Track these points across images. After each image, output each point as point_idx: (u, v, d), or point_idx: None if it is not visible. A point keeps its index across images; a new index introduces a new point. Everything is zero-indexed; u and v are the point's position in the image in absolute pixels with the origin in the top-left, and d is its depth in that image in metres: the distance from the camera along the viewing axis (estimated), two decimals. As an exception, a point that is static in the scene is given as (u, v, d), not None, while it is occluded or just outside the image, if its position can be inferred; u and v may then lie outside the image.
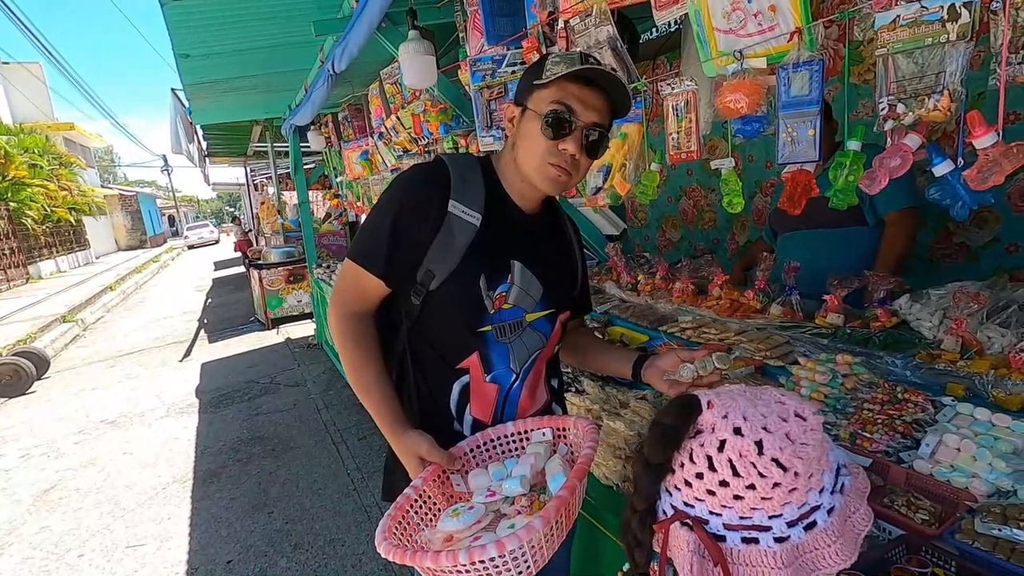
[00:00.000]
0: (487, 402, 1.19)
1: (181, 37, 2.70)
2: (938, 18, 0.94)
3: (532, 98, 1.09)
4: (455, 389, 1.17)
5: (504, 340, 1.16)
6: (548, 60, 1.08)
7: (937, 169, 1.00)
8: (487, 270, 1.12)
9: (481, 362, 1.15)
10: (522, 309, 1.16)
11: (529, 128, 1.08)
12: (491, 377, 1.17)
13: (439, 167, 1.13)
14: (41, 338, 8.02)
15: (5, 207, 14.79)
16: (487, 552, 0.81)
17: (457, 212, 1.08)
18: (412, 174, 1.15)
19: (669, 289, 2.55)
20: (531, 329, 1.19)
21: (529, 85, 1.10)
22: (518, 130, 1.12)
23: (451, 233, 1.08)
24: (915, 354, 1.58)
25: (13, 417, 5.37)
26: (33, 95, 22.81)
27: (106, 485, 3.74)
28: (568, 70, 1.03)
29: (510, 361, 1.18)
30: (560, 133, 1.06)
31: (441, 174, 1.11)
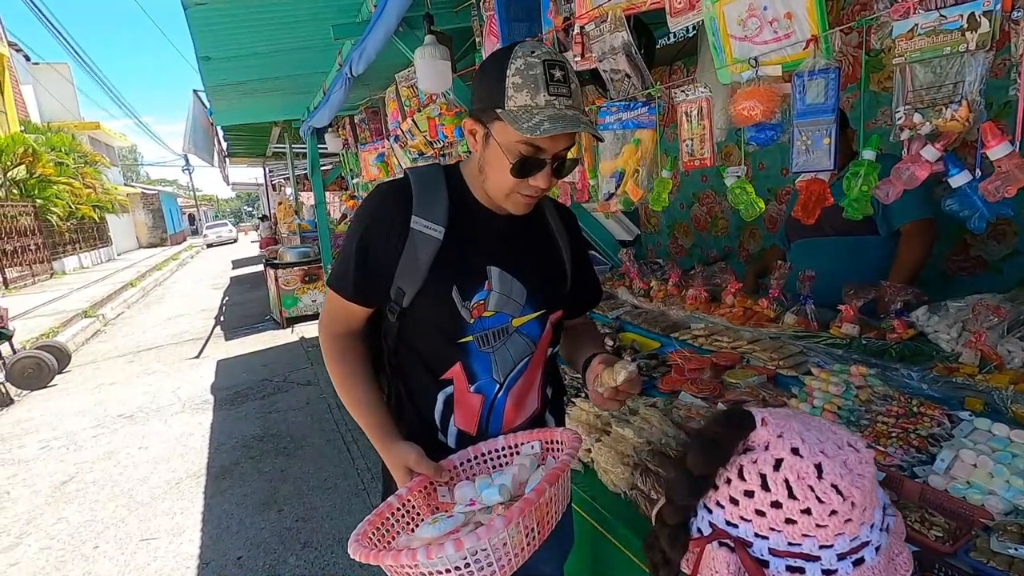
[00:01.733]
0: (471, 413, 1.17)
1: (203, 40, 2.75)
2: (957, 27, 0.93)
3: (495, 127, 1.01)
4: (439, 400, 1.16)
5: (486, 349, 1.13)
6: (508, 80, 0.97)
7: (954, 180, 0.98)
8: (458, 281, 1.09)
9: (464, 372, 1.14)
10: (507, 315, 1.13)
11: (494, 158, 1.03)
12: (475, 387, 1.15)
13: (402, 184, 1.12)
14: (63, 332, 8.19)
15: (32, 204, 15.15)
16: (444, 550, 0.81)
17: (419, 227, 1.07)
18: (375, 194, 1.14)
19: (682, 296, 2.53)
20: (518, 335, 1.16)
21: (490, 108, 1.00)
22: (482, 154, 1.06)
23: (415, 249, 1.07)
24: (932, 367, 1.56)
25: (34, 409, 5.48)
26: (61, 95, 23.37)
27: (122, 478, 3.81)
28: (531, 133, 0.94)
29: (492, 371, 1.15)
30: (526, 172, 1.01)
31: (404, 191, 1.10)
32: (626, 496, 1.46)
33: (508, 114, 0.98)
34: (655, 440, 1.53)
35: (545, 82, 0.96)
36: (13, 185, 14.73)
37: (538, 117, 0.96)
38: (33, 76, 22.06)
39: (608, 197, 1.86)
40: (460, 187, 1.13)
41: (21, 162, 14.81)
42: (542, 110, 0.97)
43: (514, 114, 0.97)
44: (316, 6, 2.57)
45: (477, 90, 1.06)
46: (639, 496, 1.41)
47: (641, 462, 1.45)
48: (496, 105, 0.99)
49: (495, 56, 1.03)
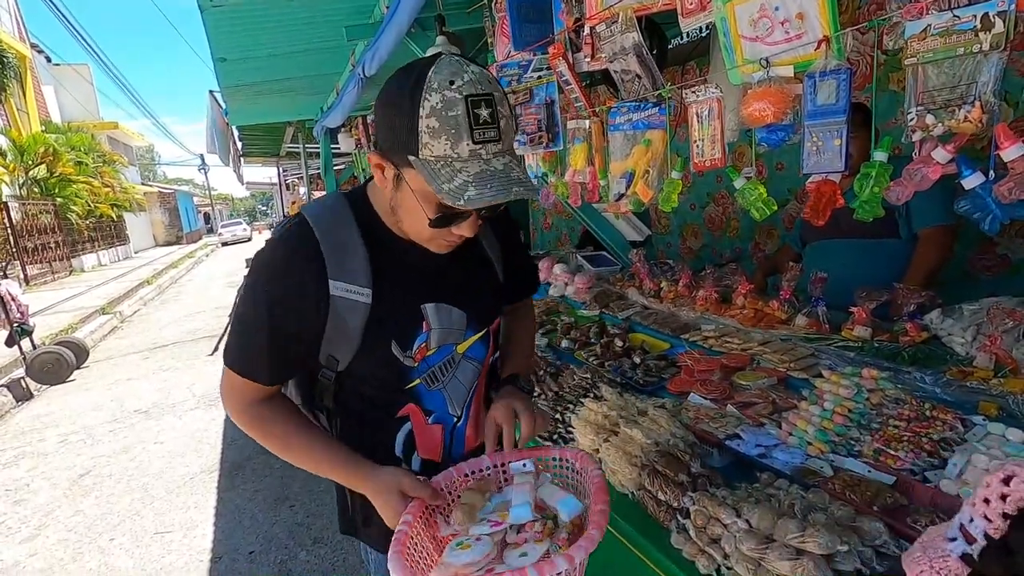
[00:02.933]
0: (434, 443, 1.12)
1: (219, 41, 2.79)
2: (971, 27, 0.92)
3: (408, 173, 0.84)
4: (399, 436, 1.09)
5: (437, 387, 1.06)
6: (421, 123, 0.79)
7: (967, 181, 0.97)
8: (396, 335, 0.99)
9: (420, 409, 1.07)
10: (451, 344, 1.05)
11: (408, 203, 0.88)
12: (433, 419, 1.09)
13: (304, 238, 0.93)
14: (81, 329, 8.35)
15: (52, 202, 15.44)
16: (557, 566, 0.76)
17: (340, 293, 0.93)
18: (273, 259, 0.95)
19: (692, 297, 2.52)
20: (465, 360, 1.08)
21: (400, 152, 0.83)
22: (395, 195, 0.90)
23: (341, 317, 0.94)
24: (946, 370, 1.54)
25: (53, 404, 5.60)
26: (81, 95, 23.80)
27: (138, 473, 3.87)
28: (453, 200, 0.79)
29: (448, 407, 1.10)
30: (453, 223, 0.89)
31: (309, 249, 0.92)
32: (633, 496, 1.46)
33: (423, 165, 0.81)
34: (663, 441, 1.53)
35: (468, 126, 0.79)
36: (34, 184, 15.02)
37: (461, 177, 0.80)
38: (54, 77, 22.48)
39: (618, 198, 1.86)
40: (372, 223, 0.97)
41: (42, 161, 15.10)
42: (465, 165, 0.80)
43: (431, 167, 0.81)
44: (329, 8, 2.59)
45: (382, 123, 0.86)
46: (646, 496, 1.41)
47: (649, 463, 1.45)
48: (407, 151, 0.82)
49: (401, 81, 0.82)
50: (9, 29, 17.29)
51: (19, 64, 16.74)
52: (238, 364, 0.97)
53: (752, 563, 1.04)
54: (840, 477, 1.26)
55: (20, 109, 17.10)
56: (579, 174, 2.08)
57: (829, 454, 1.36)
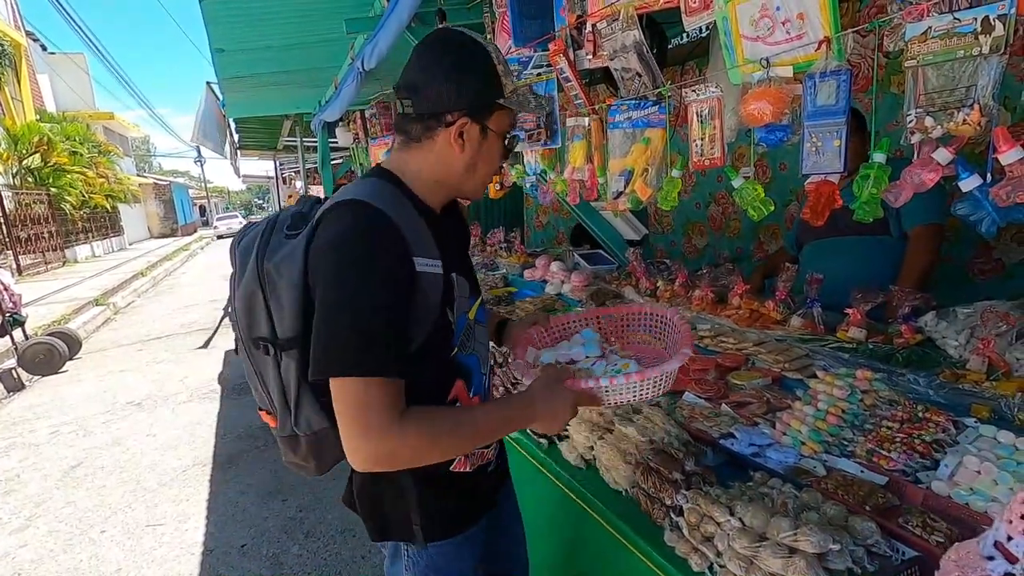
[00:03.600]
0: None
1: (217, 32, 2.77)
2: (971, 30, 0.93)
3: (494, 119, 1.02)
4: None
5: (470, 352, 1.12)
6: (500, 75, 1.01)
7: (964, 184, 0.98)
8: (447, 302, 1.02)
9: (464, 383, 1.10)
10: (464, 314, 1.09)
11: (492, 149, 1.04)
12: (472, 392, 1.13)
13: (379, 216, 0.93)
14: (75, 320, 8.30)
15: (46, 192, 15.33)
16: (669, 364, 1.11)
17: (422, 268, 0.95)
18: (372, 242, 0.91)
19: (688, 297, 2.52)
20: (477, 326, 1.15)
21: (489, 102, 1.01)
22: (478, 150, 1.02)
23: (425, 293, 0.96)
24: (939, 373, 1.55)
25: (45, 395, 5.56)
26: (76, 85, 23.61)
27: (130, 465, 3.86)
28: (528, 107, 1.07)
29: (481, 365, 1.16)
30: (511, 151, 1.10)
31: (390, 225, 0.93)
32: (627, 493, 1.46)
33: (510, 101, 1.03)
34: (657, 439, 1.54)
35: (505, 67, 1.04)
36: (28, 173, 14.91)
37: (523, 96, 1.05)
38: (49, 66, 22.29)
39: (617, 195, 1.86)
40: (414, 199, 1.02)
41: (36, 150, 14.99)
42: (521, 89, 1.06)
43: (516, 100, 1.04)
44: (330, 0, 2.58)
45: (464, 88, 0.98)
46: (640, 494, 1.41)
47: (643, 460, 1.46)
48: (497, 96, 1.02)
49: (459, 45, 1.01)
50: (5, 17, 17.15)
51: (14, 52, 16.61)
52: (364, 363, 0.87)
53: (745, 561, 1.05)
54: (833, 477, 1.27)
55: (15, 98, 16.96)
56: (578, 171, 2.08)
57: (822, 454, 1.37)
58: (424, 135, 1.02)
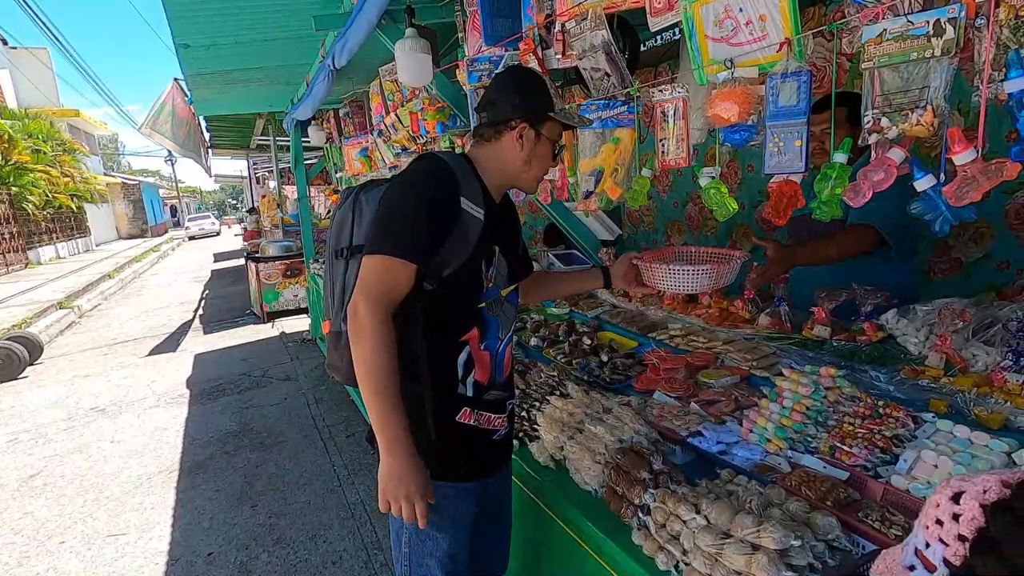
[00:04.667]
0: (485, 367, 1.37)
1: (181, 27, 2.69)
2: (924, 33, 0.94)
3: (546, 127, 1.34)
4: (461, 358, 1.32)
5: (494, 314, 1.36)
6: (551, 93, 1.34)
7: (919, 184, 1.00)
8: (485, 256, 1.30)
9: (479, 333, 1.33)
10: (498, 287, 1.36)
11: (544, 151, 1.36)
12: (484, 345, 1.35)
13: (446, 166, 1.28)
14: (36, 323, 8.01)
15: (7, 191, 14.79)
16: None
17: (467, 208, 1.26)
18: (431, 172, 1.27)
19: (660, 296, 2.54)
20: (507, 303, 1.40)
21: (543, 115, 1.33)
22: (533, 150, 1.34)
23: (465, 227, 1.25)
24: (899, 369, 1.58)
25: (3, 401, 5.36)
26: (39, 81, 22.83)
27: (91, 473, 3.73)
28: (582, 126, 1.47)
29: (499, 330, 1.38)
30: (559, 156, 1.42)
31: (450, 172, 1.27)
32: (596, 493, 1.46)
33: (560, 114, 1.35)
34: (627, 439, 1.54)
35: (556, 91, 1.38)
36: (-13, 172, 14.38)
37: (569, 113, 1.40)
38: (10, 61, 21.53)
39: (587, 195, 1.86)
40: (478, 177, 1.32)
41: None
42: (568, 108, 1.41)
43: (564, 114, 1.37)
44: (298, -4, 2.54)
45: (526, 100, 1.32)
46: (610, 495, 1.41)
47: (613, 460, 1.46)
48: (548, 109, 1.33)
49: (526, 73, 1.41)
50: (-38, 9, 16.49)
51: (-28, 46, 15.99)
52: (398, 249, 1.18)
53: (709, 559, 1.05)
54: (797, 473, 1.28)
55: (-27, 93, 16.34)
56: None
57: (787, 451, 1.39)
58: (494, 136, 1.34)
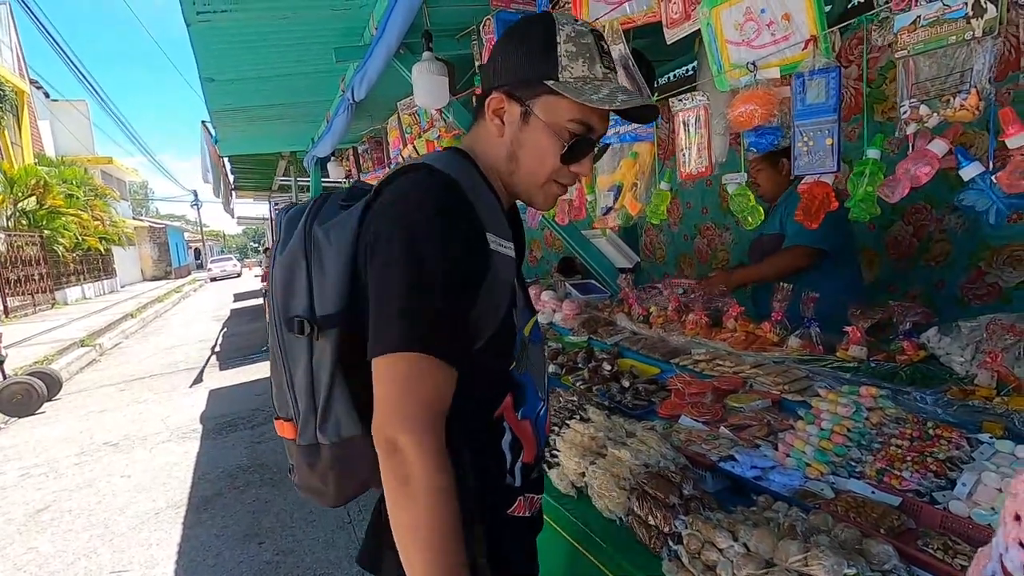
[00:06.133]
0: (530, 442, 0.98)
1: (206, 60, 2.78)
2: (962, 15, 0.90)
3: (540, 103, 0.84)
4: (505, 443, 0.93)
5: (523, 369, 0.94)
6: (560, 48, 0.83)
7: (965, 172, 0.93)
8: (515, 300, 0.89)
9: (513, 401, 0.93)
10: (520, 328, 0.93)
11: (536, 140, 0.86)
12: (521, 414, 0.95)
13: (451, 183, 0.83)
14: (58, 360, 8.09)
15: (39, 234, 15.29)
16: None
17: (497, 248, 0.82)
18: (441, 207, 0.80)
19: (682, 321, 2.46)
20: (531, 344, 0.97)
21: (535, 80, 0.84)
22: (518, 136, 0.88)
23: (496, 275, 0.82)
24: (946, 389, 1.47)
25: (19, 436, 5.34)
26: (77, 130, 23.98)
27: (99, 508, 3.65)
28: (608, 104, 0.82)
29: (537, 390, 0.97)
30: (575, 156, 0.87)
31: (462, 193, 0.82)
32: (622, 522, 1.35)
33: (564, 86, 0.82)
34: (653, 463, 1.44)
35: (599, 52, 0.84)
36: (22, 216, 14.90)
37: (606, 89, 0.82)
38: (51, 112, 22.68)
39: (606, 212, 1.81)
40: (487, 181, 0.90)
41: (32, 193, 15.03)
42: (603, 83, 0.83)
43: (573, 86, 0.82)
44: (321, 28, 2.61)
45: (508, 60, 0.87)
46: (635, 522, 1.30)
47: (638, 485, 1.36)
48: (545, 76, 0.83)
49: (530, 23, 0.87)
50: (9, 64, 17.54)
51: (16, 99, 16.90)
52: (423, 341, 0.75)
53: (751, 589, 0.94)
54: (842, 499, 1.17)
55: (14, 143, 17.15)
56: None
57: (829, 475, 1.28)
58: (479, 116, 0.92)
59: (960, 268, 2.69)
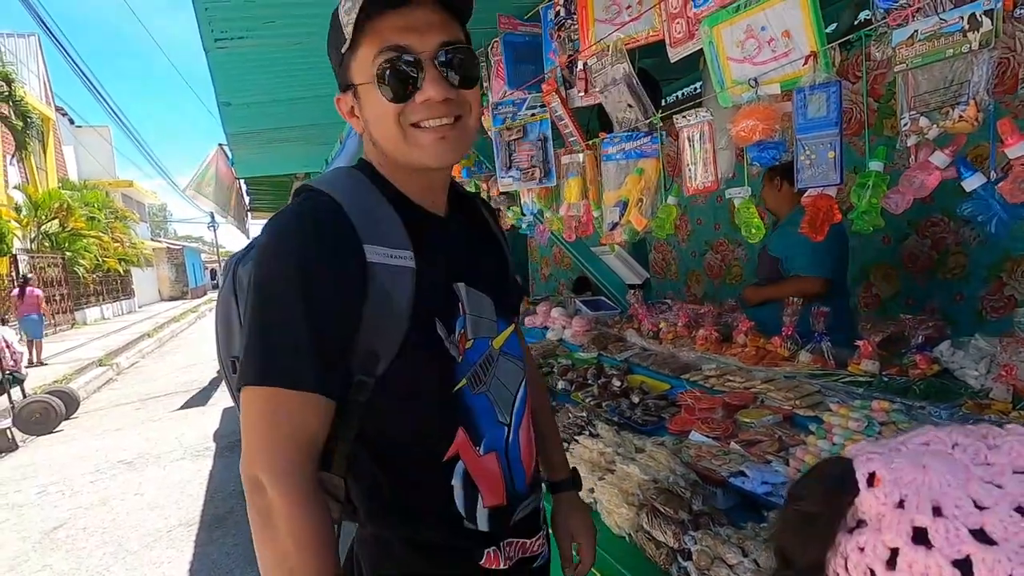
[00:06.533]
0: (495, 480, 0.89)
1: (223, 85, 2.87)
2: (958, 29, 0.91)
3: (352, 71, 0.81)
4: (455, 484, 0.85)
5: (481, 390, 0.88)
6: (340, 12, 0.79)
7: (967, 183, 0.94)
8: (439, 312, 0.83)
9: (468, 436, 0.85)
10: (487, 339, 0.89)
11: (369, 104, 0.81)
12: (484, 448, 0.87)
13: (323, 204, 0.79)
14: (76, 380, 8.22)
15: (61, 256, 15.65)
16: None
17: (381, 260, 0.78)
18: (299, 229, 0.77)
19: (692, 337, 2.45)
20: (503, 358, 0.92)
21: (339, 60, 0.82)
22: (364, 116, 0.83)
23: (384, 291, 0.78)
24: (961, 404, 1.44)
25: (37, 454, 5.42)
26: (100, 155, 24.65)
27: (113, 525, 3.67)
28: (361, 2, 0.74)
29: (496, 413, 0.89)
30: (406, 86, 0.78)
31: (332, 212, 0.78)
32: (631, 539, 1.34)
33: (350, 40, 0.79)
34: (662, 478, 1.43)
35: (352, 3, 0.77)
36: (45, 238, 15.28)
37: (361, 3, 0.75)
38: (75, 137, 23.37)
39: (612, 227, 1.83)
40: (390, 188, 0.85)
41: (55, 216, 15.43)
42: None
43: (348, 33, 0.78)
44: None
45: (333, 63, 0.86)
46: (644, 538, 1.29)
47: (647, 501, 1.35)
48: (341, 49, 0.80)
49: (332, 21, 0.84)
50: (36, 93, 18.14)
51: (43, 125, 17.44)
52: (273, 375, 0.73)
53: (760, 605, 0.93)
54: (855, 514, 1.16)
55: (40, 167, 17.66)
56: (573, 207, 2.06)
57: (842, 491, 1.26)
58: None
59: (979, 280, 2.66)
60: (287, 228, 0.78)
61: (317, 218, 0.77)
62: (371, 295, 0.77)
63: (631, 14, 1.64)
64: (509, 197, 2.73)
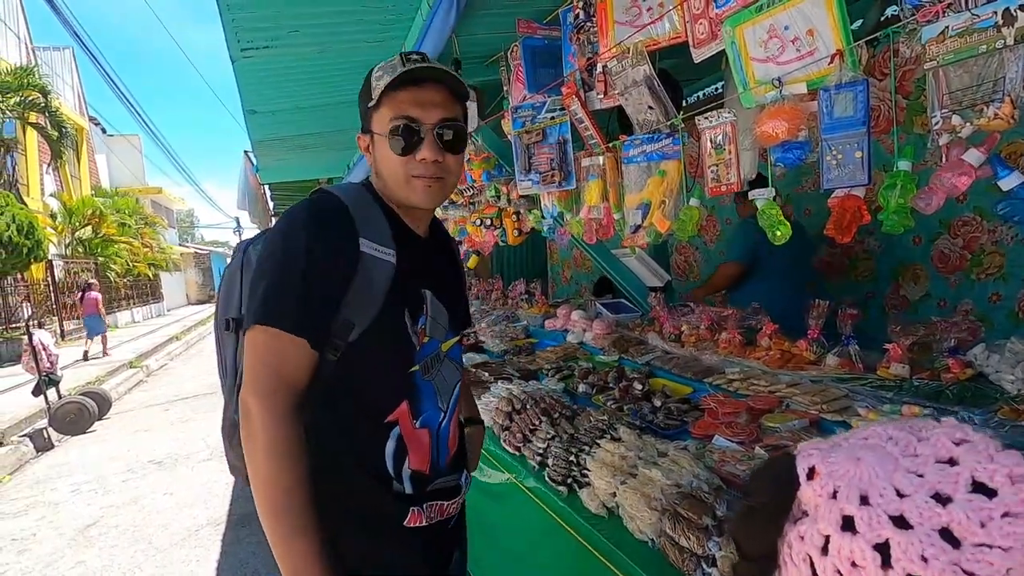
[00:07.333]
0: (423, 450, 1.09)
1: (249, 93, 2.94)
2: (992, 24, 0.89)
3: (373, 122, 1.05)
4: (389, 447, 1.04)
5: (429, 377, 1.09)
6: (372, 78, 1.03)
7: (1004, 183, 0.91)
8: (409, 305, 1.05)
9: (410, 409, 1.06)
10: (437, 340, 1.11)
11: (381, 151, 1.04)
12: (420, 422, 1.08)
13: (331, 202, 1.01)
14: (108, 381, 8.45)
15: (94, 261, 16.12)
16: None
17: (370, 251, 0.99)
18: (310, 215, 0.99)
19: (715, 340, 2.42)
20: (448, 360, 1.15)
21: (366, 110, 1.06)
22: (375, 156, 1.07)
23: (368, 275, 0.98)
24: (997, 409, 1.40)
25: (71, 453, 5.58)
26: (130, 163, 25.35)
27: (144, 524, 3.76)
28: (390, 79, 0.98)
29: (437, 400, 1.11)
30: (410, 146, 1.01)
31: (338, 208, 1.00)
32: (654, 544, 1.33)
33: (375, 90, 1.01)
34: (685, 483, 1.41)
35: (402, 60, 1.01)
36: (79, 244, 15.76)
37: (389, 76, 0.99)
38: (107, 146, 24.07)
39: (635, 230, 1.82)
40: (385, 207, 1.08)
41: (89, 223, 15.91)
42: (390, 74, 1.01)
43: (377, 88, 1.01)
44: (355, 60, 2.72)
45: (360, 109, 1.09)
46: (667, 544, 1.28)
47: (670, 506, 1.33)
48: (368, 104, 1.04)
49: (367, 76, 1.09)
50: (71, 104, 18.74)
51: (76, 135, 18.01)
52: (267, 316, 0.93)
53: (788, 614, 0.91)
54: (886, 522, 1.13)
55: (74, 176, 18.24)
56: (593, 210, 2.06)
57: (872, 498, 1.23)
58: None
59: (1017, 281, 2.57)
60: (301, 214, 0.99)
61: (325, 208, 1.00)
62: (358, 275, 0.98)
63: (652, 16, 1.63)
64: (530, 200, 2.73)
